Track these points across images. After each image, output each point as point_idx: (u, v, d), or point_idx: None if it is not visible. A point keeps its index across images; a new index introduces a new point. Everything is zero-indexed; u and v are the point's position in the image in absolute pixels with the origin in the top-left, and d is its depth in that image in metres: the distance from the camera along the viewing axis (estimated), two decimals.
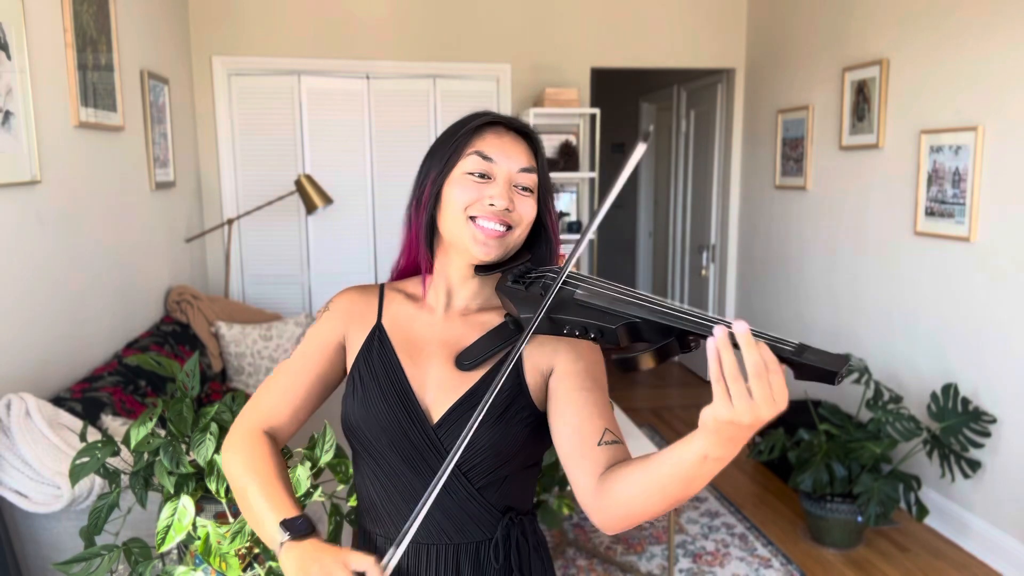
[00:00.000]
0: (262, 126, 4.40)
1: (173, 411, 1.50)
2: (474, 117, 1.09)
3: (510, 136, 1.07)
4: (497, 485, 1.06)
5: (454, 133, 1.08)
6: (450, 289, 1.11)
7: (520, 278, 1.03)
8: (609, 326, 0.87)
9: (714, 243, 5.21)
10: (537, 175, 1.08)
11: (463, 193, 1.04)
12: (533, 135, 1.10)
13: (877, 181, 3.60)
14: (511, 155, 1.05)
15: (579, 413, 1.00)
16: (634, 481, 0.89)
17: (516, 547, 1.08)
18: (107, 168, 2.93)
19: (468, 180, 1.04)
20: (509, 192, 1.04)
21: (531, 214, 1.07)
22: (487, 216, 1.03)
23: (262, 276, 4.51)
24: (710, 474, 0.82)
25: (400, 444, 1.05)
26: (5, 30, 2.13)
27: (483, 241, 1.03)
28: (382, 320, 1.13)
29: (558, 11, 4.61)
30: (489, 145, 1.05)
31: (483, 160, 1.04)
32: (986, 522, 3.03)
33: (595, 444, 0.97)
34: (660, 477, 0.86)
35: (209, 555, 1.42)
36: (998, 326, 2.95)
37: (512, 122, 1.10)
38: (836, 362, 0.73)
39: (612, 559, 3.00)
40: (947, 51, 3.15)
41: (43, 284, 2.39)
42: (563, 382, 1.04)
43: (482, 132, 1.07)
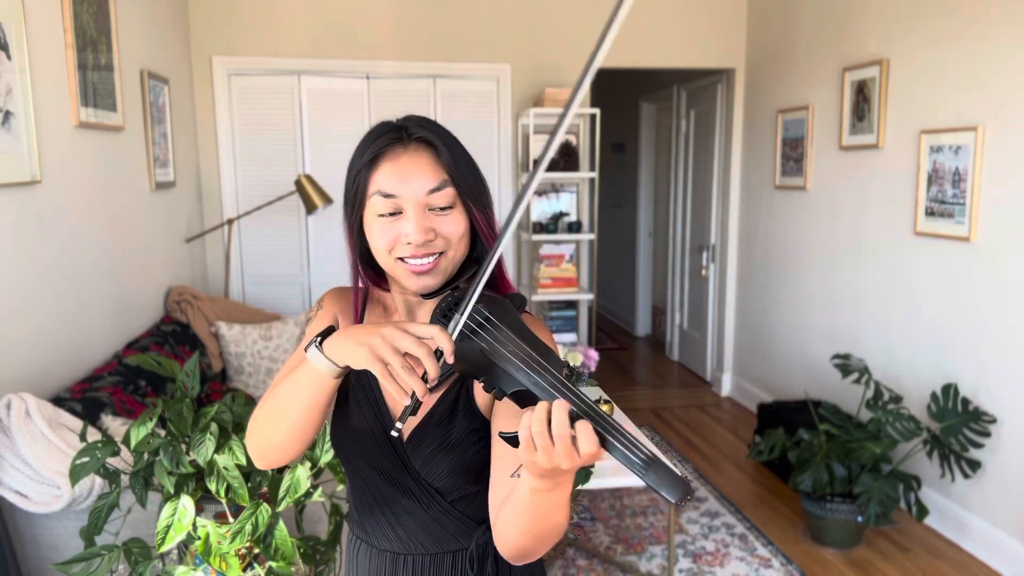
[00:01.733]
0: (262, 126, 4.40)
1: (173, 411, 1.50)
2: (368, 142, 1.00)
3: (407, 155, 0.98)
4: (471, 498, 1.07)
5: (354, 167, 1.01)
6: (410, 308, 1.09)
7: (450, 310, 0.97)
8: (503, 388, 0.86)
9: (714, 243, 5.21)
10: (451, 186, 0.98)
11: (380, 237, 0.98)
12: (434, 140, 1.00)
13: (877, 181, 3.60)
14: (412, 180, 0.97)
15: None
16: (506, 516, 0.90)
17: (494, 557, 1.08)
18: (107, 168, 2.93)
19: (380, 222, 0.98)
20: (424, 220, 0.97)
21: (458, 230, 0.99)
22: (410, 254, 0.98)
23: (262, 276, 4.51)
24: (550, 503, 0.83)
25: (376, 460, 1.06)
26: (5, 30, 2.13)
27: (415, 277, 0.99)
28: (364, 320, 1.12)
29: (558, 11, 4.61)
30: (387, 178, 0.97)
31: (385, 198, 0.97)
32: (986, 522, 3.03)
33: (507, 474, 0.95)
34: (515, 512, 0.87)
35: (209, 555, 1.42)
36: (998, 326, 2.95)
37: (412, 131, 1.00)
38: (678, 488, 0.73)
39: (612, 559, 3.00)
40: (947, 51, 3.15)
41: (43, 284, 2.39)
42: (501, 407, 1.00)
43: (377, 164, 0.98)
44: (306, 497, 1.53)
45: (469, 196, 1.00)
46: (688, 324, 5.74)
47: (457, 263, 1.02)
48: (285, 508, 1.51)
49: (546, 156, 0.83)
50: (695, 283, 5.55)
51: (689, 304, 5.70)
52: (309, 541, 1.57)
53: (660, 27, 4.70)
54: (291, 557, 1.50)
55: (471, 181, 1.01)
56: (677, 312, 5.89)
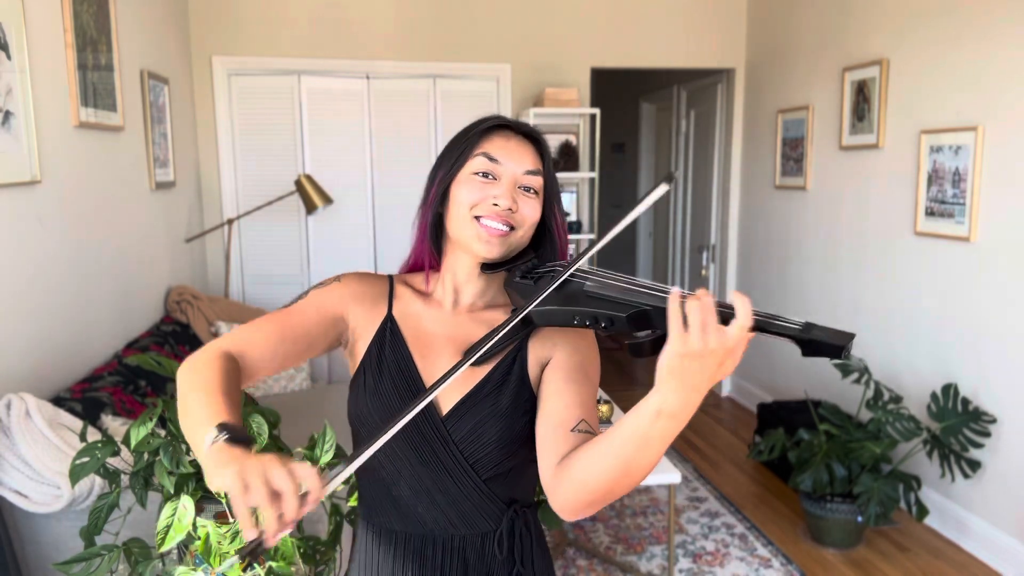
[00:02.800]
0: (262, 126, 4.40)
1: (173, 411, 1.50)
2: (484, 120, 1.12)
3: (517, 139, 1.10)
4: (503, 477, 1.09)
5: (464, 135, 1.11)
6: (457, 286, 1.14)
7: (528, 273, 1.07)
8: (619, 315, 0.91)
9: (714, 243, 5.21)
10: (543, 177, 1.10)
11: (469, 193, 1.07)
12: (540, 139, 1.13)
13: (877, 181, 3.60)
14: (517, 157, 1.08)
15: (562, 400, 1.03)
16: (592, 452, 0.89)
17: (520, 539, 1.11)
18: (107, 168, 2.93)
19: (474, 180, 1.07)
20: (513, 193, 1.07)
21: (535, 215, 1.09)
22: (491, 216, 1.06)
23: (262, 276, 4.51)
24: (663, 435, 0.82)
25: (410, 435, 1.07)
26: (5, 30, 2.13)
27: (486, 239, 1.06)
28: (393, 312, 1.14)
29: (558, 11, 4.61)
30: (496, 147, 1.08)
31: (489, 161, 1.07)
32: (986, 522, 3.03)
33: (568, 430, 0.99)
34: (617, 444, 0.86)
35: (209, 555, 1.42)
36: (998, 326, 2.95)
37: (520, 126, 1.12)
38: (842, 338, 0.78)
39: (612, 559, 3.00)
40: (947, 51, 3.15)
41: (43, 284, 2.39)
42: (555, 372, 1.06)
43: (490, 135, 1.10)
44: None
45: (553, 195, 1.13)
46: None
47: (520, 246, 1.10)
48: None
49: None
50: (695, 283, 5.55)
51: None
52: (309, 541, 1.57)
53: (660, 27, 4.69)
54: (291, 557, 1.50)
55: (556, 185, 1.14)
56: None
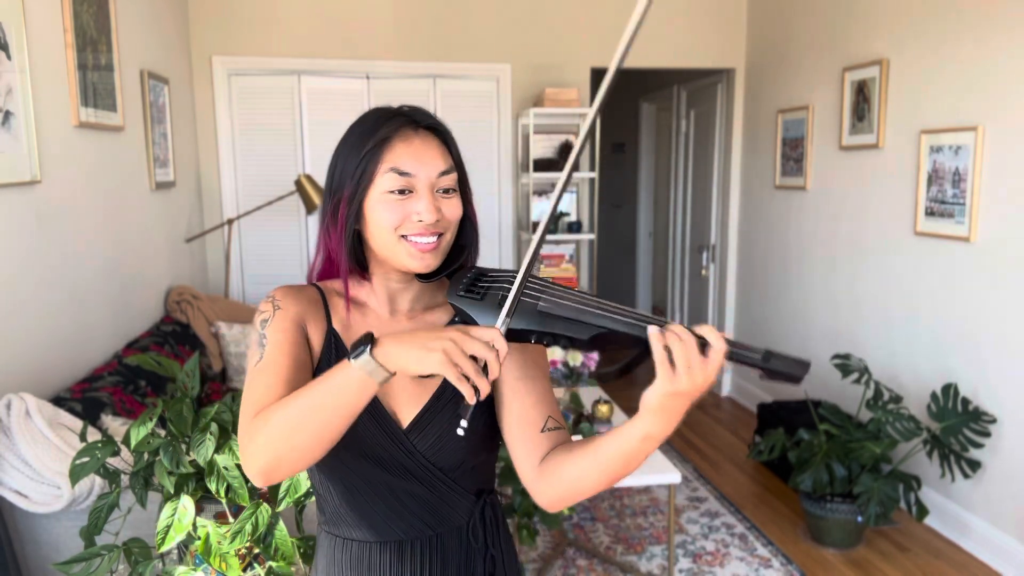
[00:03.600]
0: (262, 126, 4.40)
1: (173, 411, 1.50)
2: (376, 122, 1.03)
3: (419, 138, 1.03)
4: (470, 472, 1.10)
5: (360, 145, 1.02)
6: (391, 295, 1.09)
7: (472, 286, 1.01)
8: (579, 337, 0.90)
9: (714, 243, 5.21)
10: (455, 172, 1.04)
11: (388, 214, 1.00)
12: (441, 127, 1.06)
13: (877, 181, 3.60)
14: (426, 161, 1.01)
15: (523, 401, 1.05)
16: (578, 463, 0.96)
17: (490, 525, 1.14)
18: (107, 168, 2.93)
19: (389, 199, 1.00)
20: (433, 201, 1.01)
21: (458, 213, 1.05)
22: (418, 232, 1.00)
23: (262, 276, 4.51)
24: (647, 452, 0.92)
25: (372, 452, 1.05)
26: (5, 30, 2.13)
27: (419, 256, 1.01)
28: (332, 325, 1.08)
29: (558, 11, 4.61)
30: (402, 156, 1.00)
31: (400, 176, 1.00)
32: (986, 522, 3.03)
33: (538, 431, 1.03)
34: (604, 458, 0.94)
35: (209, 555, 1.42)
36: (998, 326, 2.95)
37: (418, 119, 1.04)
38: (799, 368, 0.81)
39: (612, 559, 3.00)
40: (947, 51, 3.15)
41: (43, 284, 2.39)
42: (507, 372, 1.06)
43: (390, 143, 1.01)
44: (306, 497, 1.53)
45: (465, 183, 1.08)
46: (688, 324, 5.72)
47: (450, 246, 1.06)
48: (285, 508, 1.51)
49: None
50: (695, 283, 5.55)
51: (689, 304, 5.70)
52: (309, 541, 1.57)
53: (660, 27, 4.69)
54: (291, 557, 1.50)
55: (465, 171, 1.08)
56: (677, 312, 5.89)
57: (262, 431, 0.90)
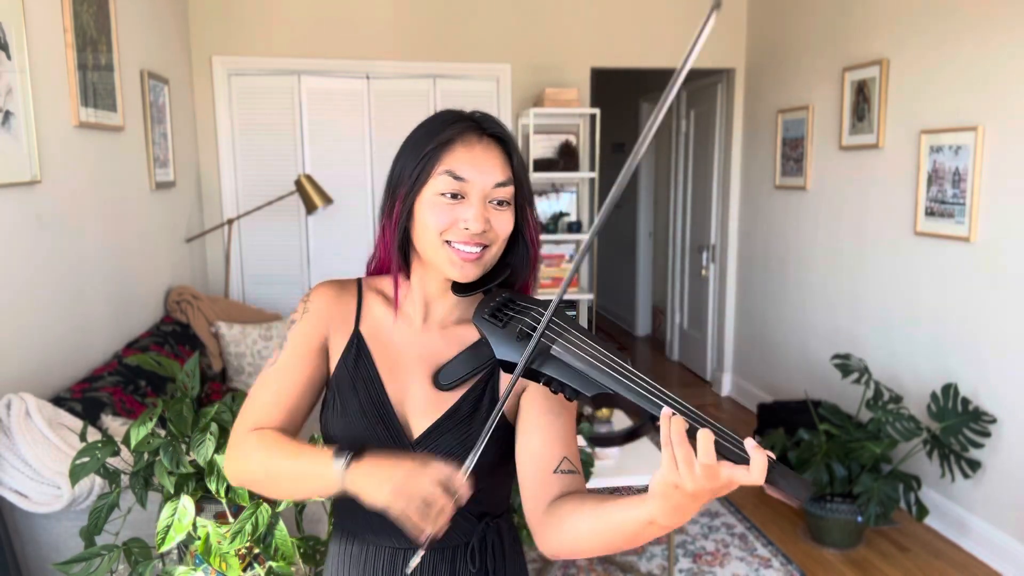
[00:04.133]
0: (262, 126, 4.40)
1: (173, 411, 1.50)
2: (442, 124, 1.02)
3: (482, 146, 1.00)
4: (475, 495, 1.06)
5: (422, 145, 1.01)
6: (428, 301, 1.08)
7: (499, 311, 0.99)
8: (584, 392, 0.88)
9: (714, 243, 5.21)
10: (513, 185, 1.02)
11: (436, 217, 0.99)
12: (507, 138, 1.03)
13: (877, 181, 3.60)
14: (484, 170, 0.99)
15: (543, 438, 1.01)
16: (582, 522, 0.91)
17: (491, 550, 1.10)
18: (107, 168, 2.93)
19: (440, 202, 0.99)
20: (484, 211, 0.99)
21: (508, 229, 1.02)
22: (463, 240, 0.99)
23: (262, 276, 4.51)
24: (654, 536, 0.85)
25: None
26: (5, 30, 2.13)
27: (460, 264, 0.99)
28: (360, 327, 1.09)
29: (558, 11, 4.61)
30: (460, 161, 0.99)
31: (455, 180, 0.98)
32: (986, 522, 3.03)
33: (551, 471, 0.99)
34: (607, 528, 0.88)
35: (209, 555, 1.42)
36: (998, 326, 2.95)
37: (485, 126, 1.02)
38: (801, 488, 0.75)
39: (612, 559, 3.00)
40: (947, 51, 3.15)
41: (43, 284, 2.39)
42: (533, 404, 1.03)
43: (451, 146, 0.99)
44: None
45: (526, 199, 1.05)
46: (688, 324, 5.74)
47: (494, 261, 1.03)
48: (285, 508, 1.51)
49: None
50: (695, 283, 5.55)
51: (689, 304, 5.70)
52: (309, 541, 1.57)
53: (660, 27, 4.69)
54: (291, 557, 1.50)
55: (528, 187, 1.05)
56: (677, 312, 5.89)
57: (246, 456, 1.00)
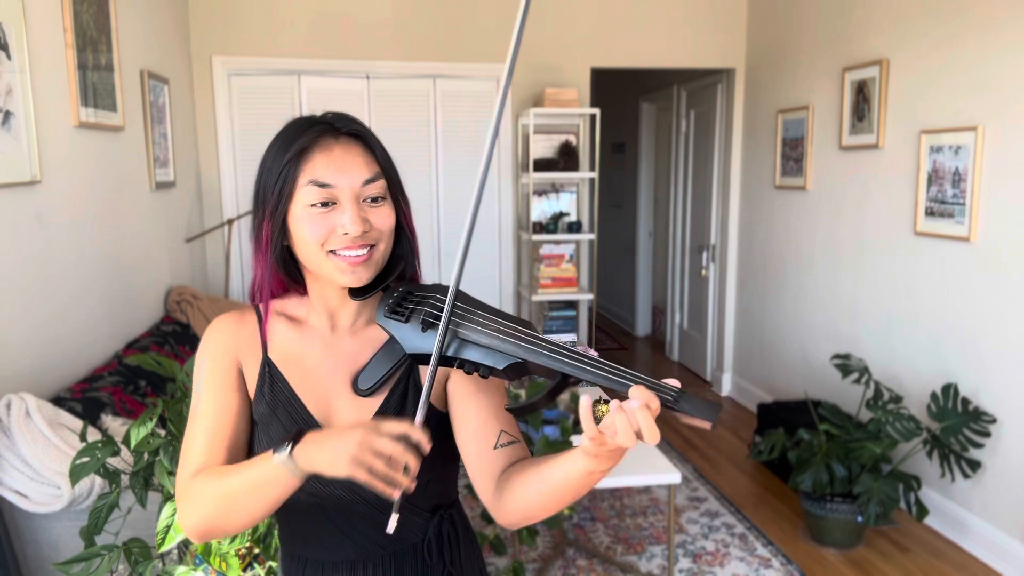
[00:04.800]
0: (262, 126, 4.40)
1: (173, 411, 1.50)
2: (296, 132, 0.98)
3: (340, 147, 0.97)
4: (423, 489, 1.06)
5: (279, 158, 0.97)
6: (331, 311, 1.05)
7: (399, 306, 0.96)
8: (496, 366, 0.89)
9: (714, 243, 5.21)
10: (383, 179, 0.99)
11: (311, 229, 0.95)
12: (366, 133, 1.00)
13: (877, 181, 3.60)
14: (348, 170, 0.96)
15: (476, 416, 1.02)
16: (529, 487, 0.94)
17: (448, 541, 1.10)
18: (107, 168, 2.93)
19: (312, 213, 0.95)
20: (359, 211, 0.96)
21: (389, 223, 0.99)
22: (345, 246, 0.96)
23: None
24: (593, 483, 0.89)
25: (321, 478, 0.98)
26: (5, 30, 2.13)
27: (349, 270, 0.96)
28: (268, 354, 1.05)
29: (558, 11, 4.61)
30: (320, 167, 0.95)
31: (320, 188, 0.95)
32: (986, 522, 3.03)
33: (491, 448, 1.00)
34: (553, 488, 0.91)
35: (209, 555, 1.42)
36: (998, 326, 2.95)
37: (340, 125, 0.99)
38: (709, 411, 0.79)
39: (612, 559, 3.00)
40: (947, 51, 3.15)
41: (43, 284, 2.39)
42: (459, 388, 1.03)
43: (309, 154, 0.96)
44: None
45: (398, 190, 1.02)
46: (688, 324, 5.74)
47: (386, 257, 1.01)
48: None
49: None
50: (695, 283, 5.55)
51: (689, 304, 5.70)
52: None
53: (660, 27, 4.70)
54: None
55: (397, 177, 1.03)
56: (677, 312, 5.89)
57: (196, 499, 0.95)
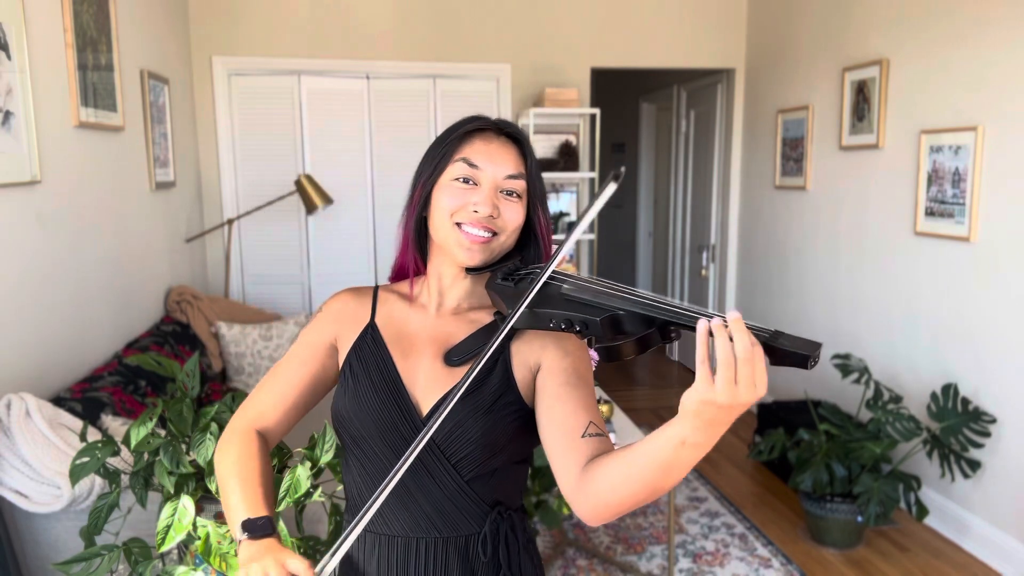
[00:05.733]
0: (262, 126, 4.40)
1: (173, 411, 1.50)
2: (466, 121, 1.11)
3: (499, 141, 1.09)
4: (486, 478, 1.08)
5: (445, 138, 1.10)
6: (442, 289, 1.14)
7: (509, 275, 1.05)
8: (592, 318, 0.90)
9: (714, 243, 5.21)
10: (525, 181, 1.09)
11: (449, 199, 1.07)
12: (523, 139, 1.12)
13: (877, 181, 3.60)
14: (497, 161, 1.07)
15: (565, 407, 1.03)
16: (615, 471, 0.90)
17: (505, 542, 1.10)
18: (107, 168, 2.93)
19: (454, 186, 1.07)
20: (494, 198, 1.06)
21: (517, 219, 1.09)
22: (472, 222, 1.06)
23: (262, 276, 4.51)
24: (688, 462, 0.84)
25: (389, 436, 1.07)
26: (5, 30, 2.13)
27: (467, 246, 1.06)
28: (375, 318, 1.15)
29: (558, 11, 4.61)
30: (476, 151, 1.07)
31: (469, 167, 1.07)
32: (986, 522, 3.03)
33: (579, 436, 1.00)
34: (640, 466, 0.87)
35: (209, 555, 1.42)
36: (998, 326, 2.95)
37: (503, 126, 1.11)
38: (808, 347, 0.75)
39: (612, 559, 3.00)
40: (947, 51, 3.15)
41: (43, 284, 2.39)
42: (550, 378, 1.06)
43: (470, 138, 1.09)
44: (306, 497, 1.53)
45: (537, 196, 1.11)
46: None
47: (503, 251, 1.10)
48: (285, 508, 1.51)
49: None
50: (695, 283, 5.55)
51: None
52: (309, 541, 1.57)
53: (660, 27, 4.70)
54: None
55: (540, 186, 1.12)
56: None
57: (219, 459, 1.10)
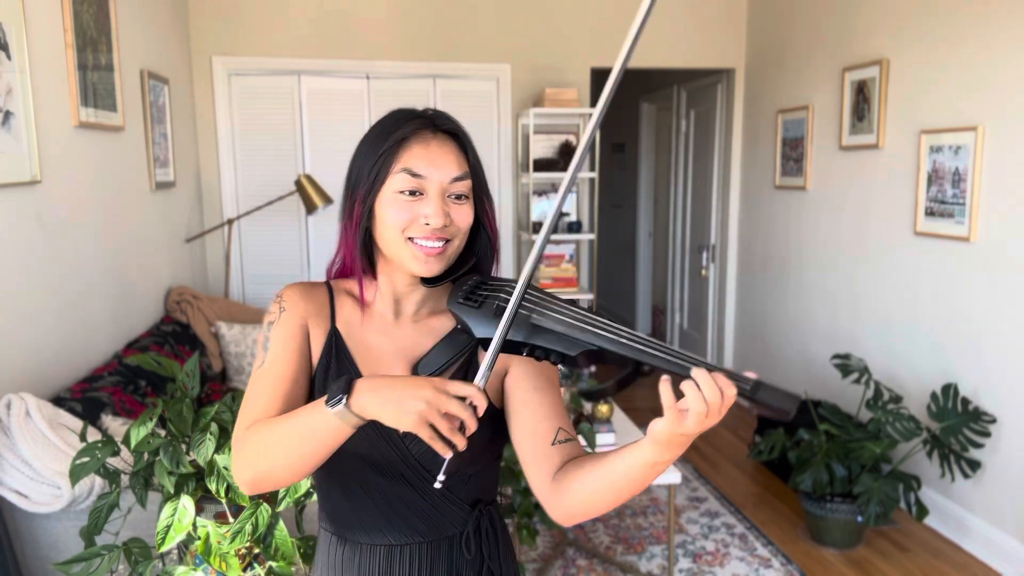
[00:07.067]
0: (262, 126, 4.40)
1: (173, 411, 1.50)
2: (396, 122, 1.04)
3: (437, 141, 1.03)
4: (466, 481, 1.09)
5: (378, 144, 1.03)
6: (397, 298, 1.10)
7: (472, 293, 1.01)
8: (568, 353, 0.90)
9: (714, 243, 5.21)
10: (471, 179, 1.05)
11: (396, 214, 1.01)
12: (461, 133, 1.07)
13: (877, 181, 3.60)
14: (440, 165, 1.02)
15: (534, 414, 1.04)
16: (588, 482, 0.95)
17: (486, 537, 1.12)
18: (107, 168, 2.93)
19: (399, 200, 1.01)
20: (443, 205, 1.01)
21: (468, 221, 1.04)
22: (425, 235, 1.01)
23: (262, 276, 4.51)
24: (656, 475, 0.91)
25: (370, 456, 1.05)
26: (5, 30, 2.13)
27: (423, 259, 1.01)
28: (336, 324, 1.10)
29: (558, 11, 4.61)
30: (416, 157, 1.01)
31: (412, 177, 1.01)
32: (986, 522, 3.03)
33: (549, 443, 1.02)
34: (612, 480, 0.93)
35: (209, 555, 1.42)
36: (998, 326, 2.95)
37: (438, 123, 1.05)
38: (788, 401, 0.77)
39: (612, 559, 3.00)
40: (947, 51, 3.15)
41: (43, 284, 2.39)
42: (518, 383, 1.05)
43: (407, 144, 1.02)
44: (306, 497, 1.54)
45: (483, 191, 1.07)
46: (688, 324, 5.74)
47: (458, 253, 1.06)
48: (285, 508, 1.51)
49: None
50: (695, 283, 5.55)
51: (689, 304, 5.70)
52: (309, 541, 1.57)
53: (660, 27, 4.69)
54: (291, 557, 1.50)
55: (483, 178, 1.08)
56: (677, 312, 5.89)
57: (250, 447, 0.98)
